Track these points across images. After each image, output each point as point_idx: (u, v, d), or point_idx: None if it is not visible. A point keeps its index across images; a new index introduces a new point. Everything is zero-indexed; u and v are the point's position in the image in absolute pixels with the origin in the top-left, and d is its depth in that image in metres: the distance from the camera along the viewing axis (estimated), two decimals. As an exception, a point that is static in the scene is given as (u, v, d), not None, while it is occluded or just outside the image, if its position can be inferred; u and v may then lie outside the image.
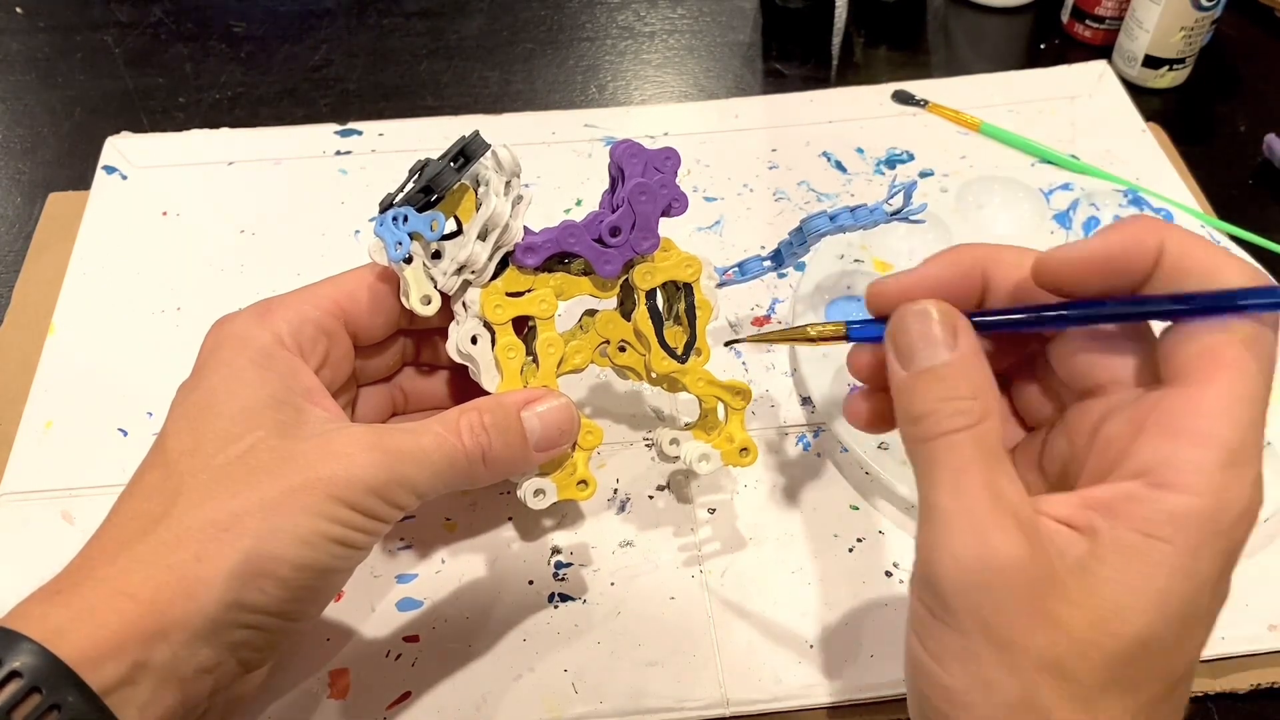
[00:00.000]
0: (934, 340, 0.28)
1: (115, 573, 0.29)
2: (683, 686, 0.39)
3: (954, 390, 0.27)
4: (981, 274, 0.30)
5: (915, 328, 0.28)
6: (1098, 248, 0.27)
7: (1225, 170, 0.59)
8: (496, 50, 0.67)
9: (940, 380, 0.27)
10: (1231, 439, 0.25)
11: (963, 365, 0.27)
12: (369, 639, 0.40)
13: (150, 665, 0.28)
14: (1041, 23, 0.69)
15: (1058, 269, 0.28)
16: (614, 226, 0.36)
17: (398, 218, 0.35)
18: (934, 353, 0.28)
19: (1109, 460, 0.27)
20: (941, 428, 0.27)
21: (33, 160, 0.59)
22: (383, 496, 0.32)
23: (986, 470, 0.26)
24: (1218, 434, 0.25)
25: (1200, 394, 0.25)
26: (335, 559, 0.31)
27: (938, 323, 0.28)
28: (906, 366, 0.28)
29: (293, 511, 0.30)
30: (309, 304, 0.36)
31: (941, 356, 0.28)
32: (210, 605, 0.29)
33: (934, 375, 0.27)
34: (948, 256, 0.30)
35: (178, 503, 0.30)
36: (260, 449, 0.31)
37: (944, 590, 0.26)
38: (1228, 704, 0.39)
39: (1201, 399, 0.25)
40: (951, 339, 0.28)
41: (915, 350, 0.28)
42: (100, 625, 0.28)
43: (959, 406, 0.27)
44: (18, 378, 0.48)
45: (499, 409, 0.35)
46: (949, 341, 0.28)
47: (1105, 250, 0.27)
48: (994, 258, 0.30)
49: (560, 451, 0.37)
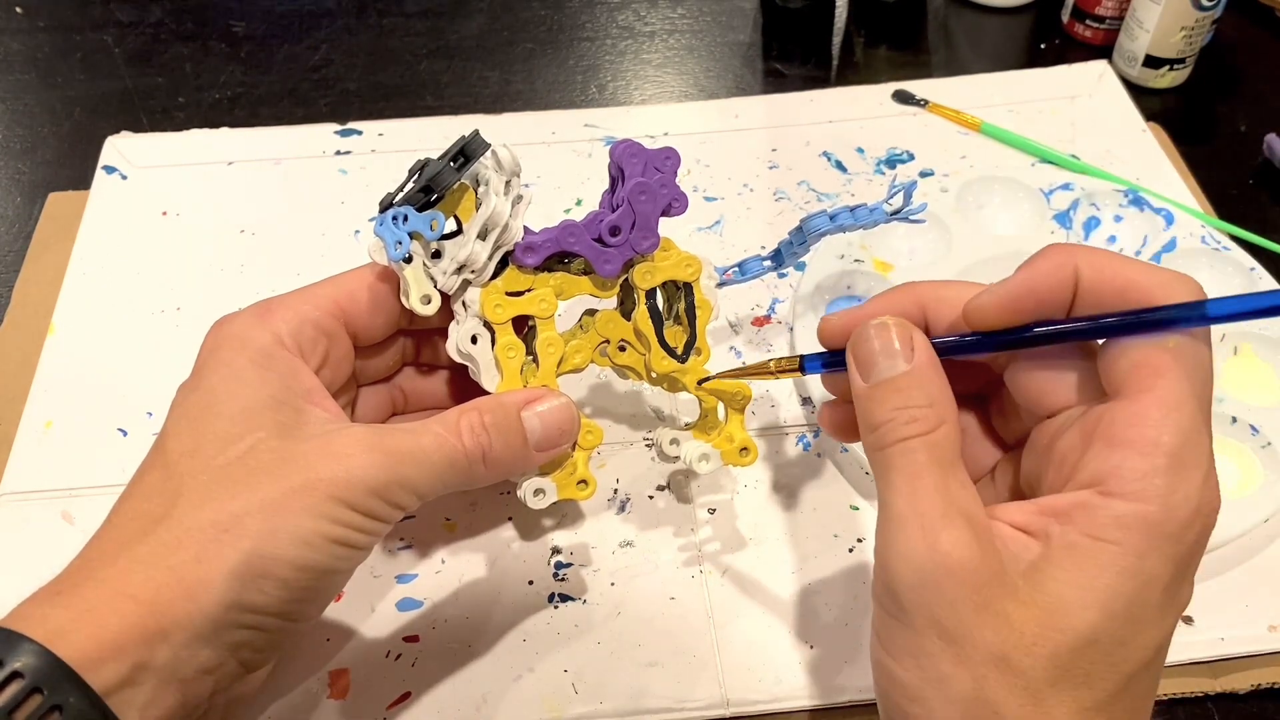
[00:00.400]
0: (892, 352, 0.29)
1: (116, 574, 0.29)
2: (683, 686, 0.39)
3: (910, 400, 0.29)
4: (922, 310, 0.32)
5: (875, 339, 0.30)
6: (1016, 285, 0.29)
7: (1225, 170, 0.59)
8: (496, 50, 0.67)
9: (897, 390, 0.29)
10: (1172, 444, 0.26)
11: (919, 376, 0.29)
12: (369, 639, 0.40)
13: (151, 666, 0.28)
14: (1042, 23, 0.69)
15: (983, 312, 0.30)
16: (614, 226, 0.36)
17: (397, 217, 0.35)
18: (892, 364, 0.29)
19: (1064, 473, 0.28)
20: (897, 435, 0.28)
21: (33, 160, 0.59)
22: (383, 497, 0.32)
23: (939, 475, 0.28)
24: (1159, 441, 0.26)
25: (1139, 404, 0.26)
26: (336, 559, 0.31)
27: (896, 335, 0.30)
28: (867, 378, 0.30)
29: (293, 512, 0.30)
30: (309, 304, 0.36)
31: (899, 368, 0.29)
32: (211, 606, 0.29)
33: (891, 386, 0.29)
34: (891, 295, 0.32)
35: (178, 504, 0.30)
36: (260, 450, 0.31)
37: (898, 589, 0.27)
38: (1228, 704, 0.39)
39: (1141, 409, 0.26)
40: (909, 351, 0.29)
41: (874, 362, 0.30)
42: (101, 626, 0.28)
43: (914, 415, 0.28)
44: (18, 378, 0.48)
45: (499, 409, 0.35)
46: (906, 354, 0.29)
47: (1024, 286, 0.29)
48: (934, 295, 0.32)
49: (560, 451, 0.37)
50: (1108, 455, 0.26)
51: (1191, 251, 0.51)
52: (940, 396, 0.29)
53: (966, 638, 0.26)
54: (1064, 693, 0.26)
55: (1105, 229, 0.53)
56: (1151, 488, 0.26)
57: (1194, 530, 0.26)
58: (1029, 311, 0.29)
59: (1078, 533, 0.26)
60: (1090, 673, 0.26)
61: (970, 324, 0.30)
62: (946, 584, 0.26)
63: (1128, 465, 0.26)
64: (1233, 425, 0.45)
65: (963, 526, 0.27)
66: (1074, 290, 0.28)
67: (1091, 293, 0.28)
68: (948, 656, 0.26)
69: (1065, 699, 0.26)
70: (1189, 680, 0.39)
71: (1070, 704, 0.26)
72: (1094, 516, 0.26)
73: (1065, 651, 0.26)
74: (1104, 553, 0.26)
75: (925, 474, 0.28)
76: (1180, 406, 0.26)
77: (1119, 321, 0.27)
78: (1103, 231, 0.53)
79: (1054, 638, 0.26)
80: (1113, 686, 0.26)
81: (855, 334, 0.31)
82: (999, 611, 0.26)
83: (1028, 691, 0.26)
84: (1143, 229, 0.52)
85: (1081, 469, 0.27)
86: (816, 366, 0.34)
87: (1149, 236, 0.52)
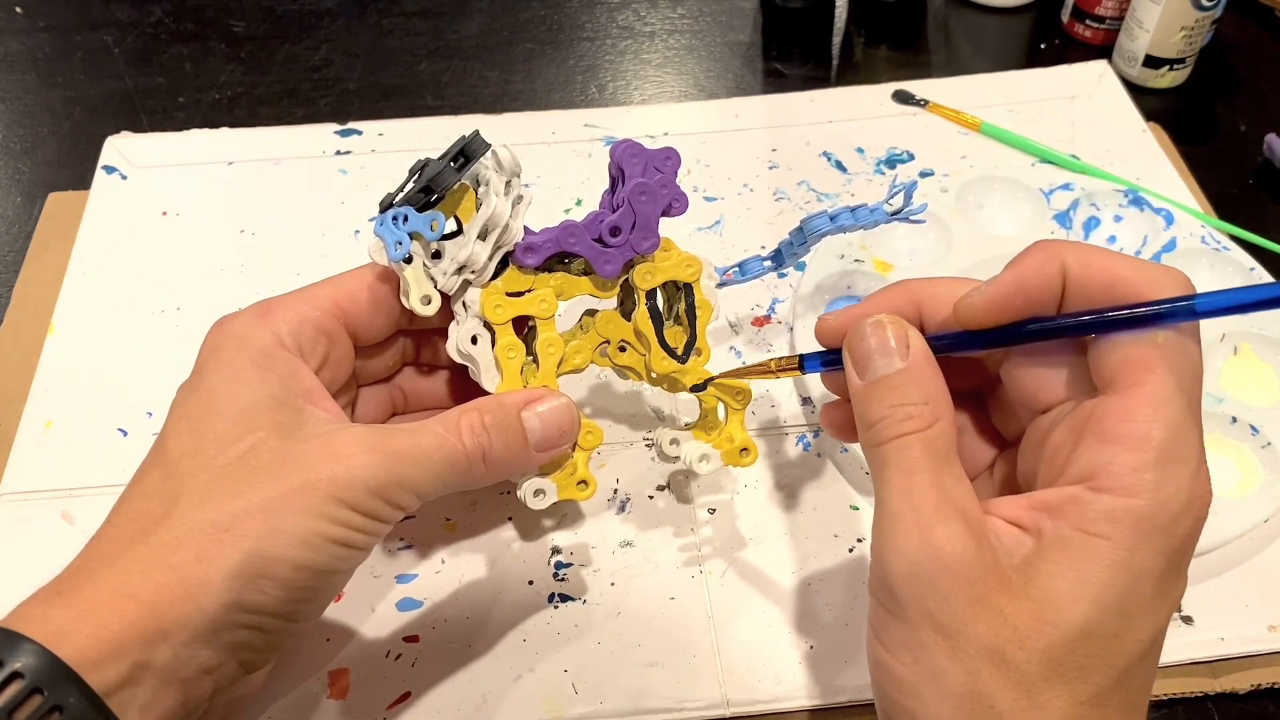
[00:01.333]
0: (888, 350, 0.30)
1: (116, 573, 0.29)
2: (683, 686, 0.39)
3: (906, 397, 0.29)
4: (917, 307, 0.32)
5: (871, 338, 0.30)
6: (1005, 283, 0.29)
7: (1225, 170, 0.59)
8: (496, 50, 0.67)
9: (893, 388, 0.29)
10: (1162, 439, 0.26)
11: (915, 373, 0.29)
12: (369, 639, 0.40)
13: (151, 666, 0.28)
14: (1042, 23, 0.69)
15: (974, 311, 0.30)
16: (614, 226, 0.36)
17: (398, 217, 0.35)
18: (888, 362, 0.30)
19: (1056, 468, 0.28)
20: (893, 431, 0.29)
21: (33, 160, 0.59)
22: (383, 497, 0.32)
23: (934, 471, 0.28)
24: (1148, 436, 0.26)
25: (1128, 399, 0.27)
26: (336, 560, 0.31)
27: (891, 333, 0.30)
28: (863, 376, 0.30)
29: (293, 512, 0.30)
30: (309, 304, 0.36)
31: (895, 365, 0.29)
32: (211, 606, 0.29)
33: (887, 384, 0.29)
34: (887, 292, 0.32)
35: (178, 503, 0.30)
36: (260, 450, 0.31)
37: (893, 584, 0.28)
38: (1228, 704, 0.39)
39: (1130, 404, 0.27)
40: (904, 349, 0.30)
41: (870, 360, 0.30)
42: (101, 626, 0.28)
43: (910, 411, 0.29)
44: (18, 378, 0.48)
45: (499, 409, 0.35)
46: (901, 351, 0.30)
47: (1013, 284, 0.29)
48: (929, 292, 0.32)
49: (561, 451, 0.37)
50: (1098, 450, 0.27)
51: (1191, 251, 0.51)
52: (935, 393, 0.29)
53: (961, 632, 0.26)
54: (1058, 686, 0.26)
55: (1105, 229, 0.53)
56: (1141, 482, 0.26)
57: (1185, 524, 0.26)
58: (1019, 309, 0.29)
59: (1069, 527, 0.26)
60: (1084, 666, 0.26)
61: (961, 323, 0.30)
62: (940, 578, 0.27)
63: (1118, 460, 0.26)
64: (1233, 425, 0.45)
65: (957, 521, 0.27)
66: (1062, 286, 0.28)
67: (1080, 288, 0.28)
68: (942, 650, 0.27)
69: (1060, 692, 0.26)
70: (1189, 680, 0.39)
71: (1065, 697, 0.26)
72: (1085, 511, 0.26)
73: (1059, 645, 0.26)
74: (1095, 547, 0.26)
75: (920, 470, 0.28)
76: (1169, 401, 0.26)
77: (1108, 317, 0.28)
78: (1103, 231, 0.53)
79: (1047, 631, 0.26)
80: (1107, 680, 0.26)
81: (851, 332, 0.31)
82: (993, 606, 0.26)
83: (1022, 685, 0.26)
84: (1143, 229, 0.52)
85: (1073, 464, 0.27)
86: (816, 365, 0.34)
87: (1149, 236, 0.52)
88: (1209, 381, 0.46)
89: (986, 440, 0.34)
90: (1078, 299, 0.28)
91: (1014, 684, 0.26)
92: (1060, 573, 0.26)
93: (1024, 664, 0.26)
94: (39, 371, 0.48)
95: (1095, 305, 0.28)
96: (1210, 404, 0.45)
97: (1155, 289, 0.27)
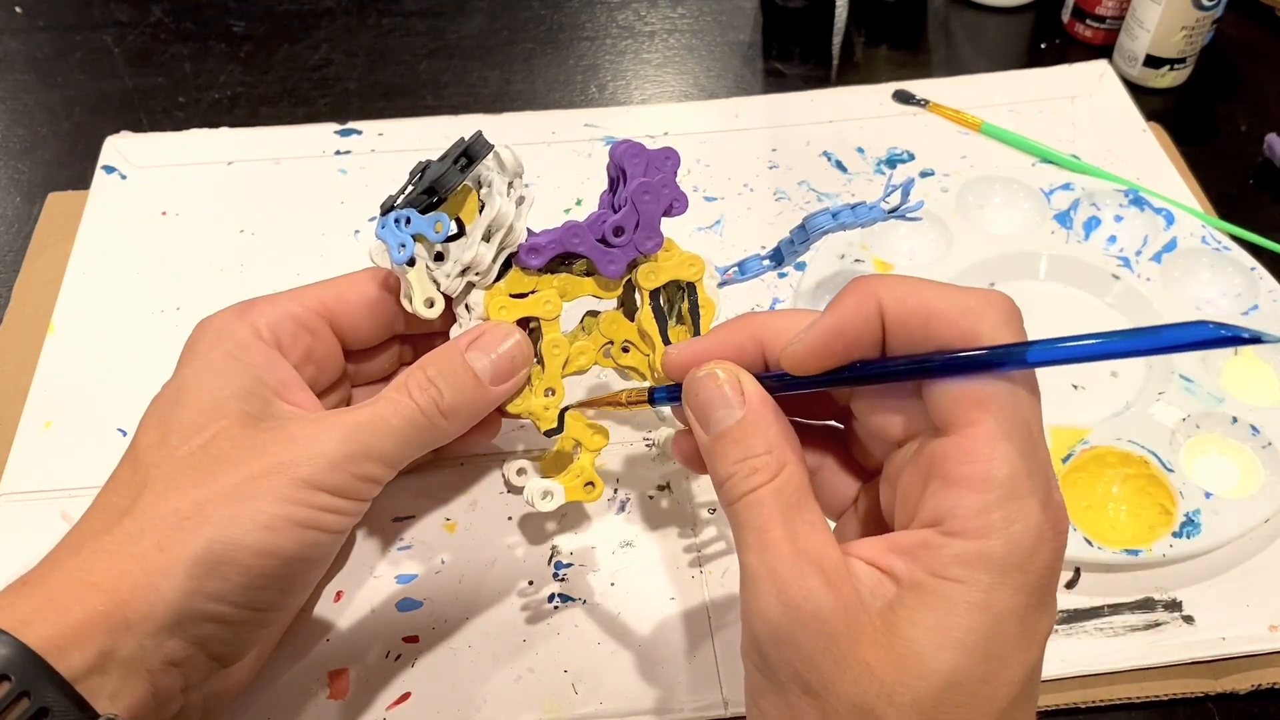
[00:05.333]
0: (726, 401, 0.29)
1: (79, 563, 0.30)
2: (682, 687, 0.39)
3: (749, 449, 0.28)
4: (759, 344, 0.31)
5: (705, 390, 0.29)
6: (824, 329, 0.28)
7: (1225, 170, 0.59)
8: (496, 50, 0.67)
9: (735, 442, 0.28)
10: (1004, 476, 0.25)
11: (754, 421, 0.28)
12: (369, 639, 0.40)
13: (117, 654, 0.29)
14: (1042, 22, 0.69)
15: (798, 359, 0.28)
16: (618, 226, 0.36)
17: (400, 220, 0.35)
18: (728, 413, 0.29)
19: (909, 510, 0.28)
20: (741, 489, 0.28)
21: (32, 160, 0.59)
22: (349, 470, 0.32)
23: (787, 523, 0.27)
24: (990, 476, 0.25)
25: (965, 440, 0.26)
26: (303, 546, 0.32)
27: (725, 382, 0.29)
28: (706, 431, 0.29)
29: (254, 497, 0.31)
30: (292, 301, 0.36)
31: (734, 415, 0.28)
32: (173, 594, 0.29)
33: (729, 438, 0.28)
34: (728, 328, 0.31)
35: (143, 494, 0.31)
36: (222, 439, 0.32)
37: (761, 647, 0.27)
38: (1228, 704, 0.39)
39: (967, 445, 0.26)
40: (739, 397, 0.29)
41: (709, 413, 0.29)
42: (64, 613, 0.28)
43: (755, 465, 0.28)
44: (17, 378, 0.47)
45: (441, 358, 0.35)
46: (738, 400, 0.29)
47: (832, 328, 0.28)
48: (772, 327, 0.30)
49: (520, 380, 0.36)
50: (944, 495, 0.26)
51: (1192, 251, 0.51)
52: (778, 438, 0.28)
53: (828, 690, 0.25)
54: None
55: (1105, 229, 0.53)
56: (989, 523, 0.25)
57: (1042, 557, 0.26)
58: (840, 353, 0.28)
59: (923, 572, 0.26)
60: (957, 716, 0.25)
61: (788, 370, 0.29)
62: (802, 637, 0.26)
63: (963, 504, 0.25)
64: (1233, 425, 0.45)
65: (813, 575, 0.26)
66: (882, 324, 0.27)
67: (899, 325, 0.27)
68: (813, 711, 0.26)
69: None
70: (1189, 680, 0.39)
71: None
72: (936, 556, 0.25)
73: (928, 698, 0.25)
74: (952, 592, 0.25)
75: (773, 525, 0.27)
76: (1008, 435, 0.25)
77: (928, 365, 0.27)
78: (1103, 231, 0.53)
79: (914, 684, 0.25)
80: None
81: (685, 386, 0.30)
82: (858, 661, 0.25)
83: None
84: (1143, 229, 0.52)
85: (922, 508, 0.27)
86: (664, 398, 0.33)
87: (1149, 236, 0.52)
88: (1211, 382, 0.46)
89: (850, 473, 0.33)
90: (898, 336, 0.27)
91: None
92: (920, 620, 0.25)
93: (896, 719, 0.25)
94: (39, 371, 0.48)
95: (914, 341, 0.27)
96: (1210, 404, 0.45)
97: (970, 320, 0.26)
